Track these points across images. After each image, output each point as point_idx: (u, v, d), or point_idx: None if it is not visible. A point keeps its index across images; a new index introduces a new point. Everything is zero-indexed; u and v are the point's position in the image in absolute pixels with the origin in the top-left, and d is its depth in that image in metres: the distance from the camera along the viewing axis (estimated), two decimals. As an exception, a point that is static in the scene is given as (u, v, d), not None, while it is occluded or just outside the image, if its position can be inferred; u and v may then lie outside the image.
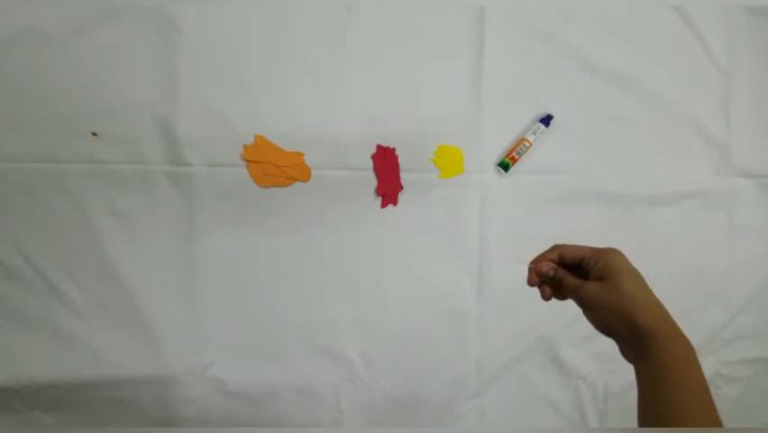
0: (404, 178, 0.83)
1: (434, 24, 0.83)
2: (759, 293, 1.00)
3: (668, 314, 0.44)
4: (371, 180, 0.82)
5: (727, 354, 0.99)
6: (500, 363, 0.89)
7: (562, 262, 0.49)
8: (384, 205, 0.83)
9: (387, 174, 0.82)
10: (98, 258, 0.75)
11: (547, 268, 0.49)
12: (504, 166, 0.85)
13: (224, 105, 0.76)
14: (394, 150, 0.82)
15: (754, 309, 1.00)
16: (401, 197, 0.83)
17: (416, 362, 0.86)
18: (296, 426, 0.83)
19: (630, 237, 0.92)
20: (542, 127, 0.86)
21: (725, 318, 0.99)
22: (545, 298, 0.50)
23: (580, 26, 0.88)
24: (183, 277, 0.77)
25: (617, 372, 0.93)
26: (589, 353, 0.92)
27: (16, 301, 0.73)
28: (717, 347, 0.99)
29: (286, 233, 0.80)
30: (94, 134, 0.73)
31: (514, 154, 0.85)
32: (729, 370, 1.00)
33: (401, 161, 0.82)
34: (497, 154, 0.87)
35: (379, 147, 0.82)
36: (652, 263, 0.93)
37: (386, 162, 0.82)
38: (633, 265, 0.46)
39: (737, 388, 1.01)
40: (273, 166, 0.78)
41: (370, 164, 0.82)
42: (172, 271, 0.77)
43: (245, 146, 0.77)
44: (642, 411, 0.42)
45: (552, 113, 0.87)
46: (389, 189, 0.82)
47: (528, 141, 0.85)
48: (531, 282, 0.50)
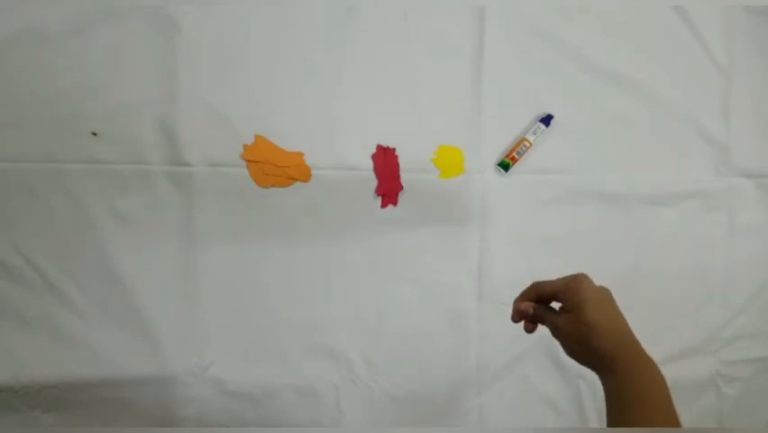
0: (404, 178, 0.83)
1: (434, 24, 0.83)
2: (759, 293, 1.00)
3: (630, 336, 0.48)
4: (371, 180, 0.82)
5: (727, 354, 0.99)
6: (500, 363, 0.89)
7: (540, 298, 0.53)
8: (384, 205, 0.83)
9: (387, 174, 0.82)
10: (98, 258, 0.75)
11: (526, 307, 0.53)
12: (504, 166, 0.85)
13: (224, 105, 0.76)
14: (394, 150, 0.82)
15: (754, 309, 1.00)
16: (401, 197, 0.83)
17: (416, 362, 0.86)
18: (296, 426, 0.83)
19: (630, 237, 0.92)
20: (542, 127, 0.86)
21: (725, 318, 0.99)
22: (528, 331, 0.55)
23: (580, 26, 0.88)
24: (183, 277, 0.77)
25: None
26: (589, 353, 0.92)
27: (16, 301, 0.73)
28: (717, 347, 0.99)
29: (286, 233, 0.80)
30: (94, 134, 0.73)
31: (514, 154, 0.85)
32: (729, 370, 0.99)
33: (401, 161, 0.82)
34: (497, 154, 0.87)
35: (379, 147, 0.82)
36: (652, 263, 0.94)
37: (386, 162, 0.82)
38: (599, 289, 0.50)
39: (737, 388, 1.00)
40: (273, 166, 0.78)
41: (370, 164, 0.82)
42: (172, 271, 0.77)
43: (245, 146, 0.77)
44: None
45: (552, 113, 0.87)
46: (389, 189, 0.82)
47: (528, 141, 0.85)
48: (514, 320, 0.55)
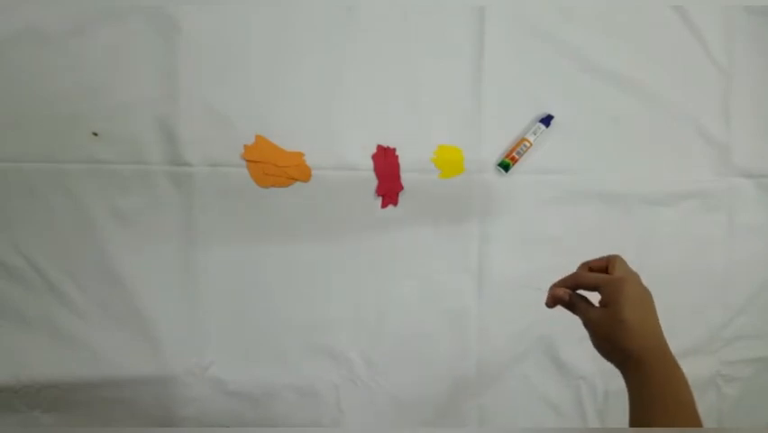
0: (404, 178, 0.83)
1: (434, 24, 0.83)
2: (759, 293, 1.00)
3: (661, 340, 0.49)
4: (372, 180, 0.82)
5: (727, 354, 0.99)
6: (500, 363, 0.89)
7: (579, 287, 0.53)
8: (384, 205, 0.83)
9: (387, 174, 0.82)
10: (98, 258, 0.75)
11: (562, 293, 0.53)
12: (504, 166, 0.85)
13: (225, 105, 0.76)
14: (394, 150, 0.82)
15: (754, 309, 1.00)
16: (401, 197, 0.83)
17: (416, 362, 0.86)
18: (296, 426, 0.83)
19: (630, 237, 0.92)
20: (542, 127, 0.86)
21: (725, 318, 0.99)
22: (548, 305, 0.55)
23: (580, 26, 0.88)
24: (183, 277, 0.77)
25: (618, 372, 0.93)
26: (589, 353, 0.90)
27: (16, 301, 0.73)
28: (717, 347, 0.99)
29: (286, 233, 0.80)
30: (94, 134, 0.73)
31: (514, 154, 0.85)
32: (729, 370, 0.99)
33: (401, 161, 0.82)
34: (497, 154, 0.87)
35: (379, 147, 0.82)
36: (652, 263, 0.94)
37: (386, 162, 0.82)
38: (642, 291, 0.50)
39: (737, 388, 1.00)
40: (273, 166, 0.78)
41: (371, 164, 0.82)
42: (172, 271, 0.77)
43: (245, 146, 0.77)
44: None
45: (552, 113, 0.87)
46: (390, 189, 0.82)
47: (529, 141, 0.85)
48: (548, 305, 0.55)
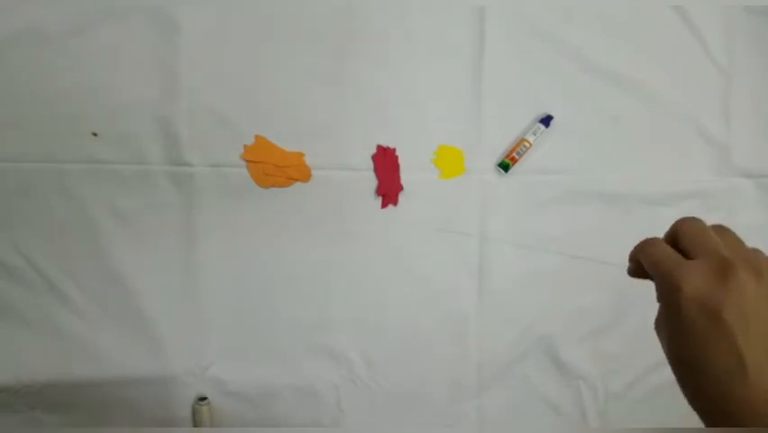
0: (404, 178, 0.83)
1: (434, 24, 0.83)
2: (759, 293, 1.00)
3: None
4: (372, 181, 0.82)
5: (727, 354, 0.99)
6: (500, 363, 0.89)
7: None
8: (384, 205, 0.83)
9: (387, 174, 0.82)
10: (98, 258, 0.75)
11: (629, 267, 0.40)
12: (504, 166, 0.85)
13: (225, 105, 0.76)
14: (394, 150, 0.82)
15: (754, 309, 1.00)
16: (401, 197, 0.83)
17: (416, 362, 0.86)
18: (296, 426, 0.83)
19: (630, 237, 0.92)
20: (542, 128, 0.86)
21: (725, 318, 0.99)
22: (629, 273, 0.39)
23: (580, 26, 0.88)
24: (183, 277, 0.77)
25: (618, 372, 0.93)
26: (589, 353, 0.92)
27: (16, 301, 0.73)
28: (717, 347, 0.99)
29: (286, 233, 0.80)
30: (94, 134, 0.73)
31: (514, 155, 0.85)
32: (729, 370, 0.99)
33: (401, 161, 0.82)
34: (497, 154, 0.87)
35: (379, 147, 0.82)
36: (652, 263, 0.94)
37: (386, 162, 0.82)
38: (733, 305, 0.29)
39: (737, 388, 1.00)
40: (274, 166, 0.78)
41: (371, 164, 0.82)
42: (172, 271, 0.77)
43: (246, 146, 0.77)
44: None
45: (552, 113, 0.87)
46: (390, 190, 0.82)
47: (528, 141, 0.85)
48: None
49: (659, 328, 0.32)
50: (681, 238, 0.34)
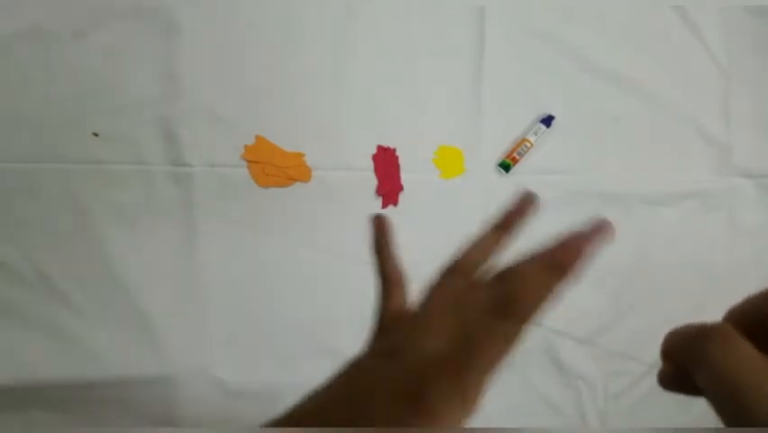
0: (404, 178, 0.83)
1: (434, 24, 0.83)
2: (759, 293, 1.00)
3: None
4: (372, 181, 0.82)
5: (727, 354, 0.99)
6: (500, 363, 0.89)
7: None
8: (384, 205, 0.83)
9: (387, 174, 0.82)
10: (98, 258, 0.75)
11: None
12: (505, 166, 0.85)
13: (225, 105, 0.76)
14: (394, 150, 0.82)
15: (754, 309, 1.00)
16: (401, 197, 0.83)
17: (417, 362, 0.86)
18: (296, 426, 0.83)
19: (630, 237, 0.92)
20: (543, 128, 0.86)
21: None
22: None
23: (580, 26, 0.88)
24: (184, 277, 0.77)
25: (618, 372, 0.93)
26: (589, 353, 0.92)
27: (17, 301, 0.73)
28: (717, 347, 0.99)
29: (286, 233, 0.80)
30: (94, 135, 0.73)
31: (515, 155, 0.85)
32: (729, 370, 0.99)
33: (401, 162, 0.82)
34: (497, 155, 0.87)
35: (380, 147, 0.82)
36: (651, 264, 0.94)
37: (386, 163, 0.82)
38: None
39: (737, 388, 1.00)
40: (274, 166, 0.78)
41: (371, 164, 0.82)
42: (173, 271, 0.77)
43: (246, 146, 0.77)
44: None
45: (552, 113, 0.87)
46: (390, 190, 0.82)
47: (529, 141, 0.85)
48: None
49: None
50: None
